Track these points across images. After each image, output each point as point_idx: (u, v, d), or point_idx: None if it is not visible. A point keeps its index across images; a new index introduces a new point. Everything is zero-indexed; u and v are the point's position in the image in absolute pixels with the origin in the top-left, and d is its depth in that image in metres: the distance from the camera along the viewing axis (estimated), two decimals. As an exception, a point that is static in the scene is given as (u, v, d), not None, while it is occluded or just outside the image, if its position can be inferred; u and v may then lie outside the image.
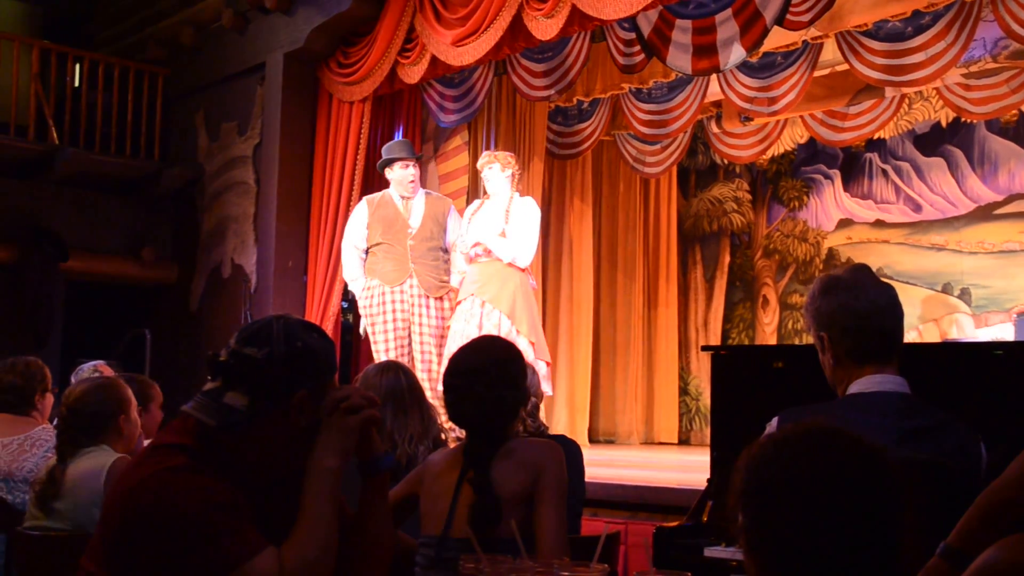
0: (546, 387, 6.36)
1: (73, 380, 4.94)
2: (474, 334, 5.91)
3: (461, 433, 2.64)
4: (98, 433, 3.27)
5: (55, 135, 8.65)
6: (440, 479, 2.50)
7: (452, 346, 6.11)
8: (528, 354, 6.01)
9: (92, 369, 4.95)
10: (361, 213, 6.65)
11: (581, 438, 8.31)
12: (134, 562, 1.77)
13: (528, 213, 6.38)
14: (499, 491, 2.39)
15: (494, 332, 5.97)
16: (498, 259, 6.29)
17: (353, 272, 6.61)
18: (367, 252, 6.59)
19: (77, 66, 9.23)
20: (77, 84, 9.16)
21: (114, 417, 3.32)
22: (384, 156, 6.61)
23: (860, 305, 2.27)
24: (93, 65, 9.06)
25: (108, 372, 4.72)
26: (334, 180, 7.72)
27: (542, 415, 7.25)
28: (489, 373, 2.50)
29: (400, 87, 7.57)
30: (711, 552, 3.07)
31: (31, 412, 4.12)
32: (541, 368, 6.14)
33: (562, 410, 8.59)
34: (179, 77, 9.29)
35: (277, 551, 1.80)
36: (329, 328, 7.53)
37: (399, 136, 7.80)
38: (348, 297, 7.89)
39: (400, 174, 6.52)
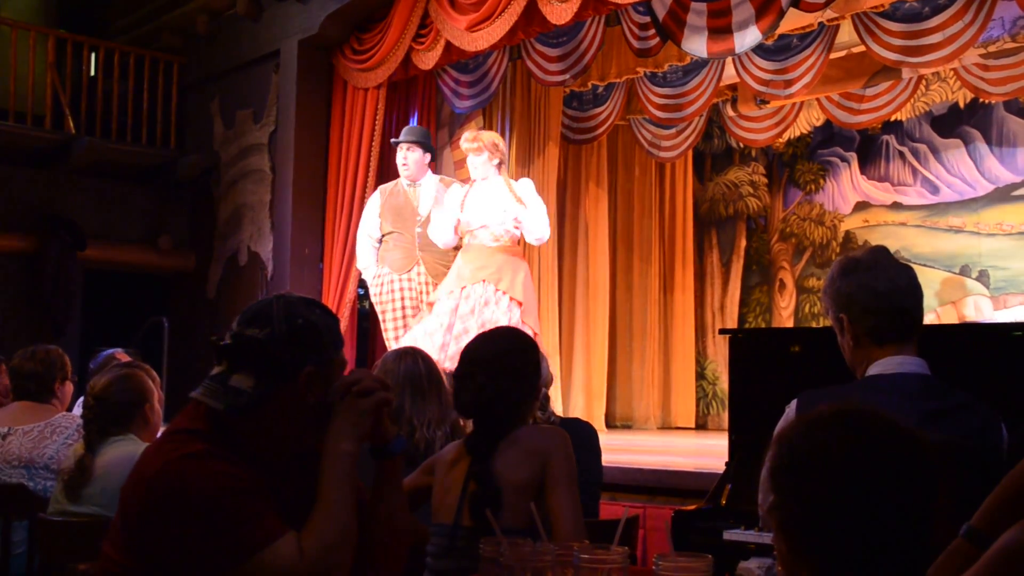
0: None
1: (91, 367, 4.98)
2: (495, 319, 5.90)
3: None
4: (126, 423, 3.33)
5: (71, 124, 8.69)
6: (451, 470, 2.52)
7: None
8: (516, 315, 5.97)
9: (111, 356, 5.00)
10: (374, 203, 6.67)
11: (598, 423, 8.31)
12: (154, 548, 1.77)
13: (535, 193, 6.30)
14: (506, 480, 2.40)
15: (494, 308, 5.95)
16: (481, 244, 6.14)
17: (365, 261, 6.65)
18: (381, 241, 6.60)
19: (93, 55, 9.26)
20: (93, 73, 9.20)
21: (139, 406, 3.37)
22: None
23: (880, 285, 2.26)
24: (109, 54, 9.09)
25: (125, 359, 4.76)
26: (349, 167, 7.73)
27: (558, 402, 7.21)
28: (493, 364, 2.50)
29: (415, 73, 7.56)
30: (730, 535, 3.07)
31: (51, 400, 4.15)
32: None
33: (579, 395, 8.60)
34: (194, 65, 9.31)
35: (297, 536, 1.80)
36: (346, 315, 7.56)
37: (414, 122, 7.80)
38: (364, 284, 7.91)
39: (398, 159, 6.55)
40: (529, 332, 6.06)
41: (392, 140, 6.67)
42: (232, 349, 1.91)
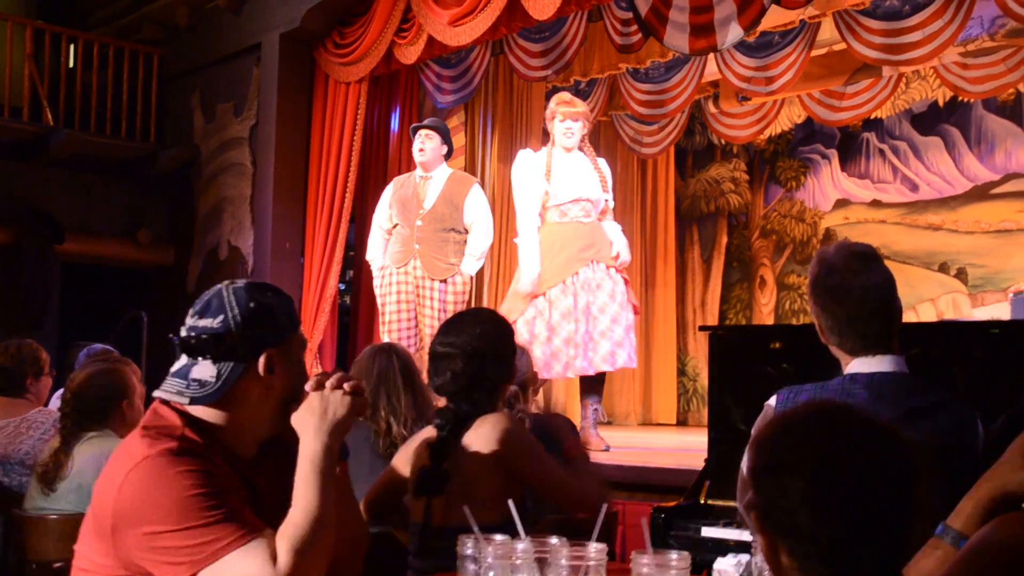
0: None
1: (81, 358, 4.94)
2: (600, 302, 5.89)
3: None
4: (103, 418, 3.30)
5: (50, 116, 8.61)
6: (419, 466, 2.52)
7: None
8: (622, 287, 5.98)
9: (102, 350, 4.96)
10: (386, 193, 6.63)
11: (579, 419, 8.30)
12: (127, 549, 1.76)
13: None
14: (465, 466, 2.41)
15: (610, 287, 5.92)
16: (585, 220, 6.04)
17: (373, 252, 6.61)
18: (391, 232, 6.57)
19: (71, 47, 9.18)
20: (72, 65, 9.12)
21: (117, 401, 3.34)
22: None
23: (841, 312, 2.27)
24: (87, 46, 9.00)
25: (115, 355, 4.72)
26: (331, 161, 7.69)
27: (543, 398, 7.18)
28: (470, 347, 2.50)
29: (397, 68, 7.53)
30: (709, 532, 3.08)
31: (23, 395, 4.11)
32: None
33: (559, 391, 8.59)
34: (174, 57, 9.25)
35: (272, 536, 1.77)
36: (326, 310, 7.53)
37: (396, 117, 7.77)
38: (346, 278, 7.88)
39: (415, 145, 6.51)
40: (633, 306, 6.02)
41: (412, 125, 6.61)
42: (189, 342, 1.91)
